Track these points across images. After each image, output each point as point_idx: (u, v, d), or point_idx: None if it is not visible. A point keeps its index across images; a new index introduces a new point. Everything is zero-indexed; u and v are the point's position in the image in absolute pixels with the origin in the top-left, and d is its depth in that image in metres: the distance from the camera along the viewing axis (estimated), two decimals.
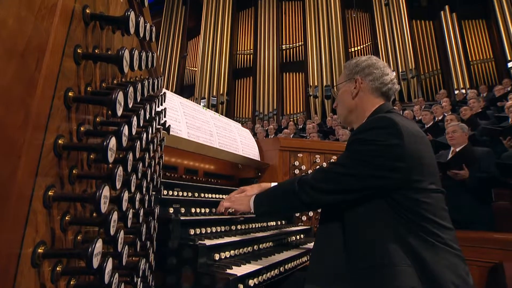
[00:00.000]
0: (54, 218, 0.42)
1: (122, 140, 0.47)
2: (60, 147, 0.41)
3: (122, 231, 0.50)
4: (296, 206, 1.14)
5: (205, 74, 12.39)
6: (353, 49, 11.02)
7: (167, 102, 1.67)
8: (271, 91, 11.61)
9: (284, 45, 12.02)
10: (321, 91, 10.62)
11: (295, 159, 2.27)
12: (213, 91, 12.26)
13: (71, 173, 0.45)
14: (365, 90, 1.20)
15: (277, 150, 2.27)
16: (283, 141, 2.34)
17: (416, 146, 0.97)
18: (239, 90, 12.48)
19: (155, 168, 0.98)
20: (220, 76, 12.33)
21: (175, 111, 1.73)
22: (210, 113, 2.12)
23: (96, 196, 0.38)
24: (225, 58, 12.47)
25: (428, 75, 10.03)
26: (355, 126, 1.23)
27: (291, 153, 2.29)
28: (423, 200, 0.95)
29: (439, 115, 5.55)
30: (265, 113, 11.41)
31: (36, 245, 0.37)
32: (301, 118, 9.55)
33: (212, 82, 12.32)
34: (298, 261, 1.44)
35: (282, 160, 2.25)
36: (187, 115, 1.81)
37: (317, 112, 10.35)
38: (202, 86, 12.38)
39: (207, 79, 12.37)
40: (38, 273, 0.38)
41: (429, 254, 0.90)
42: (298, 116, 10.29)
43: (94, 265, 0.37)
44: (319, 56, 11.00)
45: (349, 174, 0.99)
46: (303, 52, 11.56)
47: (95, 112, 0.56)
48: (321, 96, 10.59)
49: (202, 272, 1.03)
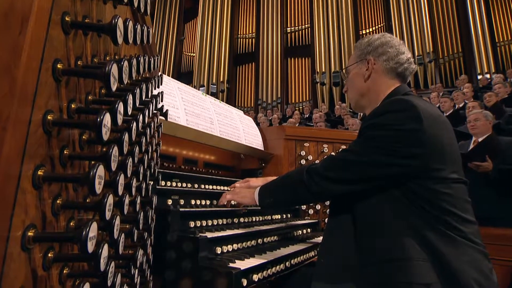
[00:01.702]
0: (45, 201, 0.41)
1: (117, 117, 0.46)
2: (50, 123, 0.40)
3: (118, 217, 0.50)
4: (304, 197, 1.13)
5: (204, 60, 12.30)
6: (365, 32, 10.84)
7: (164, 87, 1.66)
8: (275, 78, 11.52)
9: (289, 27, 11.86)
10: (329, 78, 10.53)
11: (301, 149, 2.26)
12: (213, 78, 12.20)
13: (62, 154, 0.44)
14: (379, 72, 1.17)
15: (282, 139, 2.26)
16: (289, 129, 2.33)
17: (436, 131, 0.95)
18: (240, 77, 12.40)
19: (152, 155, 0.98)
20: (220, 62, 12.24)
21: (172, 97, 1.72)
22: (210, 100, 2.10)
23: (90, 175, 0.37)
24: (225, 42, 12.35)
25: (448, 59, 9.70)
26: (367, 112, 1.21)
27: (297, 142, 2.28)
28: (443, 190, 0.93)
29: (460, 102, 5.41)
30: (269, 102, 11.36)
31: (26, 228, 0.36)
32: (307, 107, 9.51)
33: (211, 69, 12.25)
34: (305, 256, 1.44)
35: (287, 150, 2.24)
36: (186, 101, 1.80)
37: (325, 100, 10.28)
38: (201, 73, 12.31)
39: (206, 65, 12.29)
40: (29, 259, 0.38)
41: (448, 249, 0.88)
42: (304, 105, 10.23)
43: (89, 249, 0.36)
44: (327, 40, 10.85)
45: (362, 162, 0.98)
46: (309, 35, 11.39)
47: (87, 90, 0.55)
48: (328, 83, 10.50)
49: (203, 266, 1.04)
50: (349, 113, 6.72)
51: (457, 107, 5.32)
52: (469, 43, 9.57)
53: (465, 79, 7.29)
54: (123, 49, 0.75)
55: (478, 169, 2.81)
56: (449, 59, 9.73)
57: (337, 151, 2.32)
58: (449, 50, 9.79)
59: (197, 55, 12.48)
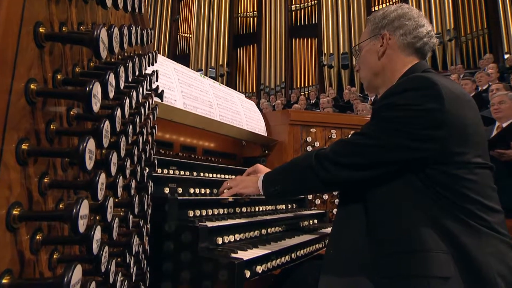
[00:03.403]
0: (30, 178, 0.41)
1: (108, 88, 0.45)
2: (33, 92, 0.39)
3: (111, 199, 0.49)
4: (313, 185, 1.12)
5: (201, 41, 12.17)
6: (377, 8, 10.63)
7: (158, 67, 1.64)
8: (279, 61, 11.41)
9: (294, 5, 11.65)
10: (337, 60, 10.40)
11: (308, 135, 2.25)
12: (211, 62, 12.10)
13: (48, 128, 0.43)
14: (395, 47, 1.14)
15: (287, 125, 2.25)
16: (294, 114, 2.31)
17: (459, 111, 0.93)
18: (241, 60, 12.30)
19: (147, 138, 0.97)
20: (218, 44, 12.12)
21: (168, 78, 1.70)
22: (209, 82, 2.08)
23: (80, 148, 0.36)
24: (224, 22, 12.17)
25: (471, 37, 9.41)
26: (381, 93, 1.18)
27: (302, 127, 2.26)
28: (466, 176, 0.91)
29: (483, 84, 5.29)
30: (272, 87, 11.29)
31: (11, 206, 0.36)
32: (314, 92, 9.44)
33: (209, 51, 12.14)
34: (312, 248, 1.45)
35: (292, 136, 2.23)
36: (183, 83, 1.78)
37: (333, 84, 10.20)
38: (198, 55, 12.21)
39: (203, 47, 12.17)
40: (15, 240, 0.38)
41: (470, 240, 0.87)
42: (310, 90, 10.16)
43: (80, 228, 0.36)
44: (336, 18, 10.66)
45: (376, 146, 0.96)
46: (316, 13, 11.19)
47: (74, 61, 0.54)
48: (337, 66, 10.38)
49: (203, 256, 1.05)
50: (359, 98, 6.68)
51: (480, 90, 5.21)
52: (495, 18, 9.22)
53: (490, 58, 7.06)
54: (113, 18, 0.73)
55: (501, 158, 2.78)
56: (472, 36, 9.42)
57: (346, 137, 2.31)
58: (472, 27, 9.47)
59: (193, 36, 12.35)
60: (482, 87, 5.29)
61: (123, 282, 0.66)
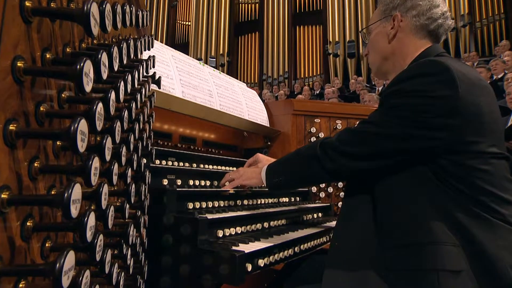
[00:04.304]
0: (20, 163, 0.40)
1: (100, 68, 0.44)
2: (20, 70, 0.38)
3: (106, 185, 0.49)
4: (318, 176, 1.11)
5: (201, 29, 12.09)
6: None
7: (155, 53, 1.63)
8: (282, 50, 11.32)
9: None
10: (343, 48, 10.31)
11: (312, 125, 2.24)
12: (211, 51, 12.04)
13: (38, 110, 0.43)
14: (406, 30, 1.11)
15: (290, 115, 2.24)
16: (297, 103, 2.30)
17: (474, 98, 0.91)
18: (242, 49, 12.22)
19: (144, 126, 0.96)
20: (219, 32, 12.03)
21: (166, 66, 1.69)
22: (209, 70, 2.07)
23: (71, 130, 0.36)
24: (224, 8, 12.06)
25: (486, 22, 9.21)
26: (390, 78, 1.16)
27: (306, 118, 2.25)
28: (480, 167, 0.90)
29: (498, 73, 5.23)
30: (275, 77, 11.23)
31: None
32: (318, 82, 9.38)
33: (209, 40, 12.06)
34: (317, 241, 1.45)
35: (295, 127, 2.22)
36: (181, 71, 1.77)
37: (338, 74, 10.12)
38: (198, 44, 12.14)
39: (203, 36, 12.09)
40: (5, 226, 0.37)
41: (483, 233, 0.87)
42: (315, 80, 10.10)
43: (72, 213, 0.35)
44: (342, 4, 10.52)
45: (385, 135, 0.95)
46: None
47: (65, 41, 0.53)
48: (343, 55, 10.29)
49: (203, 249, 1.05)
50: (365, 88, 6.63)
51: (495, 78, 5.15)
52: None
53: (506, 45, 6.90)
54: None
55: None
56: (487, 22, 9.21)
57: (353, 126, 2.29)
58: (488, 11, 9.25)
59: (192, 24, 12.26)
60: (497, 75, 5.22)
61: (120, 274, 0.66)
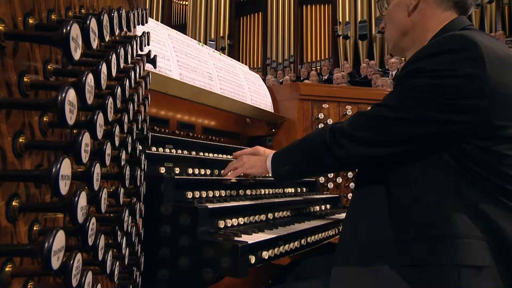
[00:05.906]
0: (3, 137, 0.40)
1: (89, 35, 0.43)
2: (1, 34, 0.37)
3: (98, 165, 0.48)
4: (327, 163, 1.10)
5: (199, 10, 11.98)
6: None
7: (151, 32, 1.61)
8: (287, 32, 11.20)
9: None
10: (354, 30, 10.17)
11: (319, 111, 2.23)
12: (211, 34, 11.95)
13: (21, 80, 0.42)
14: (429, 1, 1.06)
15: (296, 100, 2.23)
16: (304, 88, 2.28)
17: (504, 77, 0.87)
18: (244, 31, 12.11)
19: (139, 108, 0.96)
20: (219, 12, 11.92)
21: (162, 45, 1.67)
22: (209, 51, 2.05)
23: (58, 99, 0.35)
24: None
25: None
26: (408, 56, 1.13)
27: (314, 103, 2.24)
28: (508, 153, 0.88)
29: None
30: (279, 61, 11.15)
31: None
32: (327, 66, 9.32)
33: (208, 21, 11.96)
34: (325, 234, 1.45)
35: (302, 112, 2.21)
36: (178, 52, 1.75)
37: (348, 57, 10.02)
38: (196, 27, 12.05)
39: (202, 17, 11.99)
40: None
41: (511, 225, 0.86)
42: (323, 64, 10.02)
43: (62, 190, 0.35)
44: None
45: (401, 119, 0.92)
46: None
47: (50, 6, 0.52)
48: (353, 37, 10.16)
49: (203, 240, 1.05)
50: (378, 73, 6.57)
51: None
52: None
53: None
54: None
55: None
56: None
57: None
58: None
59: (190, 3, 12.13)
60: None
61: (114, 263, 0.66)
